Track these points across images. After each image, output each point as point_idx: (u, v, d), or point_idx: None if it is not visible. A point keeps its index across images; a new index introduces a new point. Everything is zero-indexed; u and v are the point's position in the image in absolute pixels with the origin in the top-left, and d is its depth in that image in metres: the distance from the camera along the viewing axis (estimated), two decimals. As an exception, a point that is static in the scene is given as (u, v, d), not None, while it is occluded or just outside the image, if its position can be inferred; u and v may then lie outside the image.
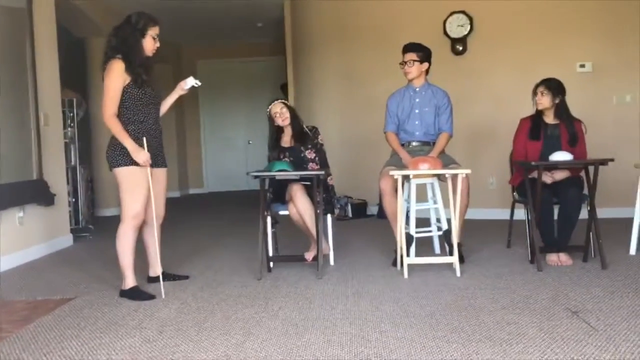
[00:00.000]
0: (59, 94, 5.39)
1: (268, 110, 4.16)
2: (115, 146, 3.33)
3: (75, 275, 4.08)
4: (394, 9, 6.40)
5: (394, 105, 4.26)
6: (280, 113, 4.10)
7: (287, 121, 4.11)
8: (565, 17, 5.75)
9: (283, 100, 4.19)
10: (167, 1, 7.32)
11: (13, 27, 4.63)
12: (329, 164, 4.23)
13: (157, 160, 3.47)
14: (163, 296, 3.37)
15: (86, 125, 6.96)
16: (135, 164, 3.31)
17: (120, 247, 3.38)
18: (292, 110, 4.17)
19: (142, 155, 3.30)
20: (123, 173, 3.33)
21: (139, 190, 3.34)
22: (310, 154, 4.12)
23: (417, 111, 4.19)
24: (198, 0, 7.45)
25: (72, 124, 6.04)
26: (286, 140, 4.18)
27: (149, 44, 3.39)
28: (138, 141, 3.32)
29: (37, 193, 4.79)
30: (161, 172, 3.54)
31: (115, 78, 3.27)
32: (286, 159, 4.11)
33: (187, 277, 3.82)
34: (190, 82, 3.56)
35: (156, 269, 3.71)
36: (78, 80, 7.14)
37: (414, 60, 4.14)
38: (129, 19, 3.38)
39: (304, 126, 4.19)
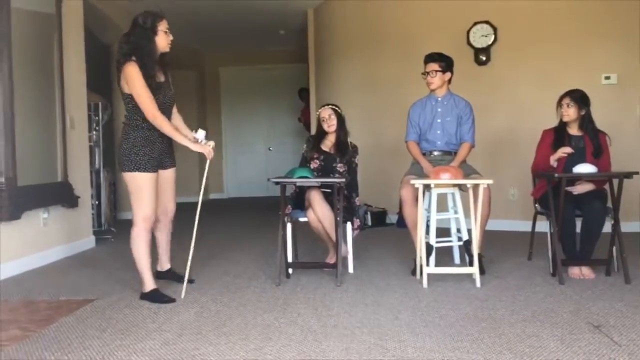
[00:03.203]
0: (85, 98, 5.48)
1: (318, 112, 4.25)
2: (123, 150, 3.36)
3: (97, 276, 4.13)
4: (418, 19, 6.40)
5: (416, 115, 4.26)
6: (328, 119, 4.15)
7: (333, 128, 4.16)
8: (591, 28, 5.70)
9: (334, 107, 4.22)
10: (191, 9, 7.41)
11: (42, 32, 4.73)
12: (358, 184, 4.24)
13: (164, 162, 3.53)
14: (182, 296, 3.40)
15: (110, 129, 7.05)
16: (140, 169, 3.33)
17: (135, 251, 3.42)
18: (340, 119, 4.19)
19: (203, 148, 3.47)
20: (129, 178, 3.37)
21: (146, 194, 3.37)
22: (341, 168, 4.14)
23: (439, 120, 4.18)
24: (221, 7, 7.53)
25: (97, 128, 6.13)
26: (327, 144, 4.22)
27: (163, 40, 3.38)
28: (145, 148, 3.35)
29: (62, 195, 4.87)
30: (170, 172, 3.60)
31: (139, 77, 3.24)
32: (317, 161, 4.14)
33: (192, 281, 3.81)
34: (200, 136, 3.52)
35: (164, 264, 3.75)
36: (104, 85, 7.24)
37: (437, 71, 4.14)
38: (135, 21, 3.35)
39: (349, 140, 4.22)
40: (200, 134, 3.50)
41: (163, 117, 3.31)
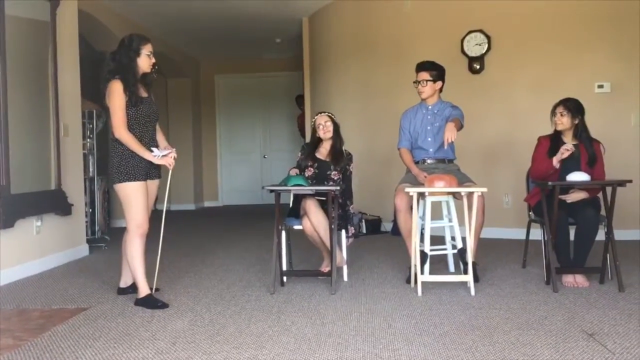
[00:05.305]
0: (79, 106, 5.47)
1: (313, 120, 4.27)
2: (113, 164, 3.50)
3: (91, 285, 4.11)
4: (412, 27, 6.43)
5: (407, 123, 4.29)
6: (324, 125, 4.17)
7: (329, 135, 4.18)
8: (584, 37, 5.73)
9: (329, 114, 4.25)
10: (187, 16, 7.43)
11: (37, 39, 4.73)
12: (352, 192, 4.25)
13: (151, 173, 3.62)
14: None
15: (105, 137, 7.03)
16: (130, 179, 3.46)
17: (129, 256, 3.51)
18: (336, 127, 4.22)
19: (163, 160, 3.54)
20: (120, 189, 3.51)
21: (137, 202, 3.49)
22: (335, 175, 4.15)
23: (429, 128, 4.21)
24: (217, 15, 7.55)
25: (91, 136, 6.12)
26: (322, 152, 4.24)
27: (145, 62, 3.57)
28: (133, 159, 3.48)
29: (55, 203, 4.84)
30: (154, 183, 3.70)
31: (119, 97, 3.46)
32: (312, 169, 4.15)
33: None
34: (157, 152, 3.60)
35: (127, 279, 3.76)
36: (98, 93, 7.22)
37: (427, 80, 4.16)
38: (122, 42, 3.59)
39: (344, 148, 4.23)
40: (156, 151, 3.59)
41: (129, 135, 3.46)
